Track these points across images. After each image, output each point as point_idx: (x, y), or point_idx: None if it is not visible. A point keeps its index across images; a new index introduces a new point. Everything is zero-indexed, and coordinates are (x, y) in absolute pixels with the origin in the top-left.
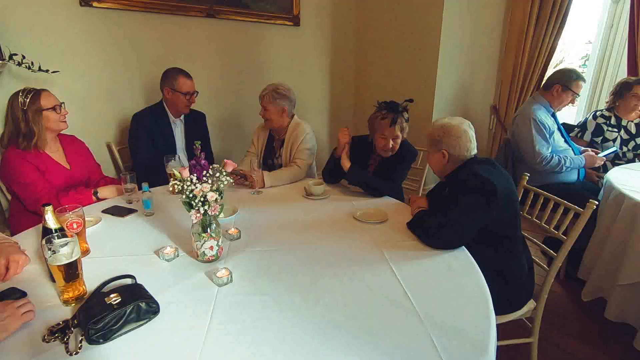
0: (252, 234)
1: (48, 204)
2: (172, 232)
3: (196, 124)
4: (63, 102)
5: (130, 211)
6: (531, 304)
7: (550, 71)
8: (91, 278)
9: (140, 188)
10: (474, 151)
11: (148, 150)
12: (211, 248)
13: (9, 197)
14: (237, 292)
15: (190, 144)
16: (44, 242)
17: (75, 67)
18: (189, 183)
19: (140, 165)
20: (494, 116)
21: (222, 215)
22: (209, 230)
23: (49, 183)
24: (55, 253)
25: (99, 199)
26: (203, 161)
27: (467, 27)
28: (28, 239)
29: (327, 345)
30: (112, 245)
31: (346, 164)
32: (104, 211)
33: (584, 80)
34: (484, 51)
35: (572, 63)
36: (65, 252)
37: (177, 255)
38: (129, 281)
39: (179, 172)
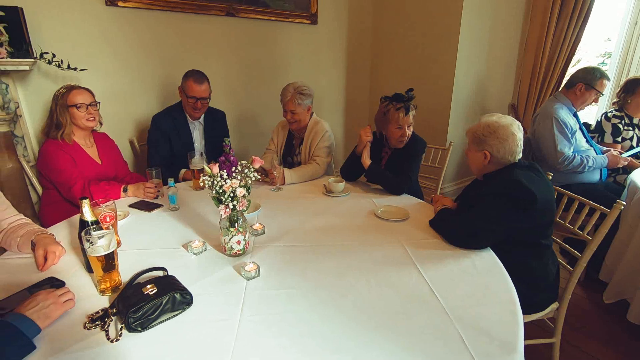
0: (275, 230)
1: (85, 198)
2: (197, 227)
3: (216, 123)
4: (98, 102)
5: (156, 206)
6: (554, 304)
7: (570, 70)
8: (123, 270)
9: (165, 183)
10: (519, 155)
11: (164, 151)
12: (238, 242)
13: (40, 190)
14: (264, 286)
15: (209, 144)
16: (83, 234)
17: (100, 65)
18: (219, 179)
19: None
20: (512, 115)
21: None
22: (236, 225)
23: (82, 174)
24: (92, 245)
25: (127, 195)
26: (232, 158)
27: (486, 25)
28: (61, 231)
29: (357, 339)
30: (140, 238)
31: (367, 161)
32: (131, 205)
33: (609, 79)
34: (503, 49)
35: (589, 61)
36: (102, 244)
37: (205, 249)
38: (160, 273)
39: (210, 168)
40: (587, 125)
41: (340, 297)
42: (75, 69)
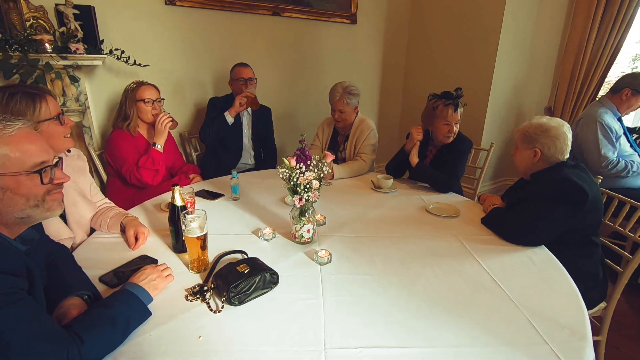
0: (334, 222)
1: (176, 184)
2: (260, 216)
3: (263, 116)
4: (163, 99)
5: (218, 195)
6: (602, 304)
7: (610, 74)
8: None
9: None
10: (567, 155)
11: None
12: (308, 231)
13: (105, 178)
14: (338, 272)
15: (255, 134)
16: (181, 217)
17: (157, 60)
18: (297, 171)
19: (208, 126)
20: None
21: None
22: (307, 214)
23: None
24: (186, 227)
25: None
26: (307, 152)
27: (527, 27)
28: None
29: (433, 320)
30: (211, 224)
31: (415, 159)
32: (196, 194)
33: None
34: (542, 51)
35: (618, 63)
36: (195, 226)
37: (274, 236)
38: (239, 256)
39: (288, 161)
40: (631, 129)
41: (410, 284)
42: (139, 64)
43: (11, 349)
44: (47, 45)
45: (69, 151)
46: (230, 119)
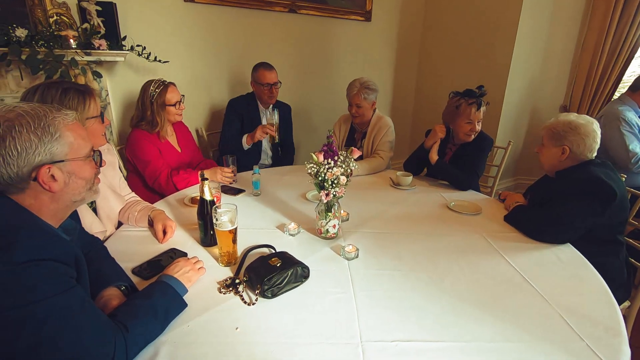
0: (356, 218)
1: (206, 179)
2: (283, 211)
3: (284, 115)
4: (183, 95)
5: (239, 191)
6: (626, 302)
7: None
8: None
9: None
10: (595, 153)
11: (234, 130)
12: (334, 226)
13: (125, 173)
14: (366, 266)
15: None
16: (213, 210)
17: (176, 57)
18: (325, 166)
19: (226, 144)
20: None
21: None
22: (333, 210)
23: (166, 163)
24: (217, 221)
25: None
26: (334, 148)
27: (543, 25)
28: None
29: (464, 316)
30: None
31: (434, 157)
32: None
33: None
34: (559, 49)
35: (639, 58)
36: (226, 220)
37: (299, 232)
38: (266, 250)
39: (316, 156)
40: None
41: (438, 279)
42: (159, 61)
43: (64, 335)
44: (71, 41)
45: None
46: (247, 145)
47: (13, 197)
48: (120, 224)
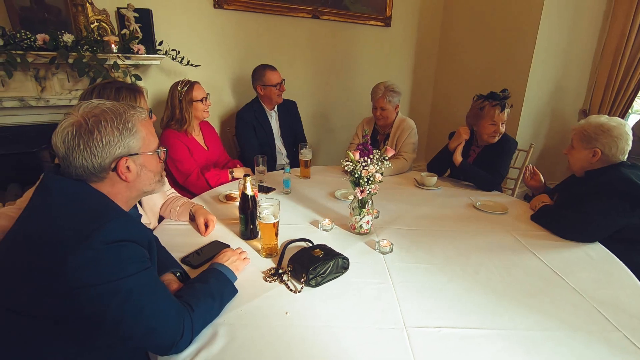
0: (386, 216)
1: (248, 174)
2: (314, 208)
3: (289, 111)
4: (208, 94)
5: (270, 189)
6: None
7: None
8: None
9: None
10: (627, 155)
11: (252, 142)
12: (367, 222)
13: None
14: (400, 260)
15: (284, 130)
16: (258, 205)
17: (205, 61)
18: (361, 165)
19: (248, 156)
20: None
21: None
22: (367, 206)
23: (195, 161)
24: (261, 214)
25: (233, 178)
26: (370, 146)
27: (563, 29)
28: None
29: (501, 307)
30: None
31: (458, 158)
32: None
33: None
34: (579, 53)
35: None
36: (270, 213)
37: (332, 227)
38: (303, 244)
39: (353, 154)
40: None
41: (473, 273)
42: (192, 65)
43: (145, 310)
44: (113, 46)
45: None
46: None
47: (93, 185)
48: (161, 218)
